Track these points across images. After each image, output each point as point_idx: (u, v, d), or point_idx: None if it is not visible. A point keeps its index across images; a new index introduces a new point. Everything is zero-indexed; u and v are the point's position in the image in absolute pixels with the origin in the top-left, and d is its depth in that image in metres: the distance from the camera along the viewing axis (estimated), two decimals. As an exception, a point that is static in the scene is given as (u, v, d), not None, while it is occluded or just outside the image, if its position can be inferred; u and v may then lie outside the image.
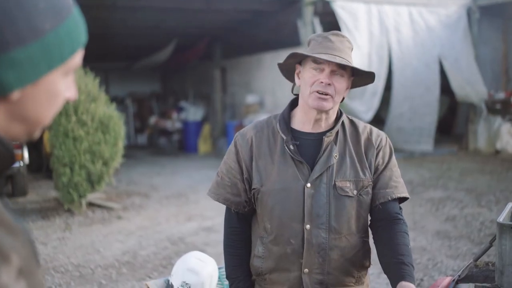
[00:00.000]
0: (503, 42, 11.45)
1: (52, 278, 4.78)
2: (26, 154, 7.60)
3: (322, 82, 1.77)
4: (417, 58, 10.53)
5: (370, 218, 1.90)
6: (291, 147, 1.83)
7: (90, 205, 7.34)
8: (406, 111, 10.61)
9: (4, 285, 0.66)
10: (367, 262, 1.92)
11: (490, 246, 2.11)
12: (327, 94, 1.77)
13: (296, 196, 1.81)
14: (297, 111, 1.91)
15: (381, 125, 10.22)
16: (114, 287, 4.58)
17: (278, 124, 1.88)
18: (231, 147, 1.94)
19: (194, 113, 14.29)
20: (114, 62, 16.93)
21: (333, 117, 1.88)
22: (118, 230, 6.31)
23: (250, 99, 12.50)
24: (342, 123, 1.90)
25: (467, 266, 2.08)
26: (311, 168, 1.82)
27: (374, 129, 1.95)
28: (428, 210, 6.71)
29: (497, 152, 10.57)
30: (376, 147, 1.88)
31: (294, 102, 1.94)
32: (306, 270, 1.82)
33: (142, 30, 12.55)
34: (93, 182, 6.88)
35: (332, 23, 9.53)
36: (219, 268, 2.49)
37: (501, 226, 1.89)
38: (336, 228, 1.81)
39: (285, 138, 1.84)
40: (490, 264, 2.21)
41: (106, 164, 6.91)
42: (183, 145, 14.04)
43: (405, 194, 1.89)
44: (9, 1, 0.72)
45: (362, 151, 1.87)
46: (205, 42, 13.46)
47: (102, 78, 8.32)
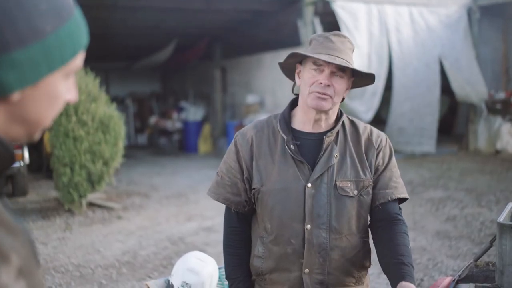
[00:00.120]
0: (503, 42, 11.45)
1: (52, 278, 4.78)
2: (26, 154, 7.60)
3: (322, 83, 1.77)
4: (417, 58, 10.52)
5: (370, 219, 1.90)
6: (292, 147, 1.83)
7: (90, 205, 7.34)
8: (407, 112, 10.58)
9: (4, 285, 0.66)
10: (368, 262, 1.92)
11: (491, 246, 2.11)
12: (326, 94, 1.77)
13: (296, 196, 1.81)
14: (297, 111, 1.91)
15: (381, 125, 10.20)
16: (114, 287, 4.59)
17: (278, 123, 1.88)
18: (231, 147, 1.94)
19: (194, 113, 14.28)
20: (114, 62, 16.93)
21: (333, 117, 1.88)
22: (118, 230, 6.31)
23: (250, 99, 12.50)
24: (343, 123, 1.90)
25: (468, 266, 2.08)
26: (312, 168, 1.82)
27: (374, 129, 1.95)
28: (428, 210, 6.70)
29: (497, 152, 10.57)
30: (376, 148, 1.89)
31: (294, 102, 1.94)
32: (307, 270, 1.82)
33: (142, 30, 12.55)
34: (93, 182, 6.88)
35: (332, 23, 9.52)
36: (219, 268, 2.48)
37: (501, 226, 1.89)
38: (336, 228, 1.81)
39: (285, 138, 1.84)
40: (491, 264, 2.21)
41: (106, 164, 6.91)
42: (183, 145, 14.03)
43: (404, 195, 1.90)
44: (9, 1, 0.72)
45: (362, 151, 1.87)
46: (205, 42, 13.45)
47: (102, 78, 8.33)
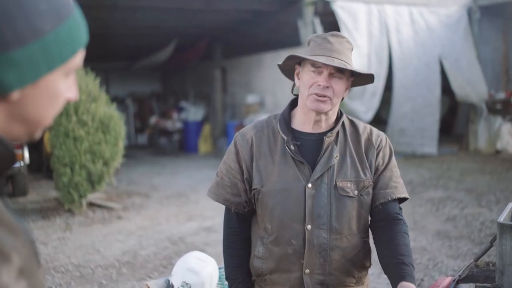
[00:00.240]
0: (504, 42, 11.45)
1: (52, 278, 4.78)
2: (26, 154, 7.60)
3: (320, 85, 1.77)
4: (417, 58, 10.51)
5: (370, 219, 1.90)
6: (292, 148, 1.83)
7: (91, 205, 7.34)
8: (408, 112, 10.57)
9: (4, 285, 0.66)
10: (368, 262, 1.92)
11: (491, 246, 2.11)
12: (325, 96, 1.77)
13: (297, 196, 1.81)
14: (297, 111, 1.91)
15: (382, 125, 10.19)
16: (115, 287, 4.58)
17: (278, 124, 1.88)
18: (231, 147, 1.94)
19: (194, 113, 14.28)
20: (114, 62, 16.93)
21: (333, 117, 1.88)
22: (118, 230, 6.31)
23: (251, 99, 12.50)
24: (343, 124, 1.90)
25: (468, 266, 2.08)
26: (312, 168, 1.82)
27: (374, 129, 1.95)
28: (428, 210, 6.70)
29: (497, 152, 10.57)
30: (376, 148, 1.89)
31: (294, 102, 1.94)
32: (307, 271, 1.81)
33: (142, 30, 12.55)
34: (93, 182, 6.88)
35: (332, 23, 9.52)
36: (220, 268, 2.48)
37: (501, 226, 1.89)
38: (337, 228, 1.81)
39: (286, 138, 1.84)
40: (491, 264, 2.21)
41: (106, 164, 6.91)
42: (184, 145, 14.03)
43: (405, 195, 1.90)
44: (9, 1, 0.72)
45: (362, 151, 1.87)
46: (205, 42, 13.45)
47: (102, 78, 8.33)
